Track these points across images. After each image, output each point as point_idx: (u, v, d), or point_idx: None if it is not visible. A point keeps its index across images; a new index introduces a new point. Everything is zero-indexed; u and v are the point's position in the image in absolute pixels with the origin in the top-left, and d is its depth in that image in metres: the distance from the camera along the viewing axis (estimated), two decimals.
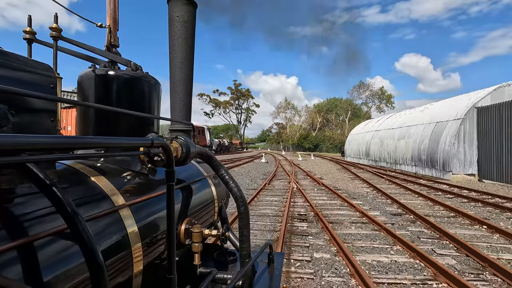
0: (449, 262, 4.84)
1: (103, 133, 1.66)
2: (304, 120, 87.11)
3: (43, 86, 1.18)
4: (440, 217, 7.82)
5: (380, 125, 30.17)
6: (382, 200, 10.15)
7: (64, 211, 0.82)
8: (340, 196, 10.28)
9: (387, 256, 5.08)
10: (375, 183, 14.35)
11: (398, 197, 10.48)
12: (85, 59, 1.87)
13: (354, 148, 34.81)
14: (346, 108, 76.08)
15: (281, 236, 5.65)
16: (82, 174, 1.32)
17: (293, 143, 79.19)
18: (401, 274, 4.39)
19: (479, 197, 10.56)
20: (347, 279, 4.20)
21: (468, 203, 9.79)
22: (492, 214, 8.27)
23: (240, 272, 1.64)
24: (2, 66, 1.02)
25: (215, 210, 2.30)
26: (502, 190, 12.85)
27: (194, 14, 1.97)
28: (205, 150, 1.82)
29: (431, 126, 19.84)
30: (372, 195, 11.12)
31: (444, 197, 10.90)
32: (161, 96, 1.97)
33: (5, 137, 0.58)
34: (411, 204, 9.42)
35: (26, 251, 0.83)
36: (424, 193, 11.26)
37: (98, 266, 0.83)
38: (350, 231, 6.54)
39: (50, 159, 1.11)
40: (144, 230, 1.36)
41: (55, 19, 1.62)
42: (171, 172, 1.17)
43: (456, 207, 8.78)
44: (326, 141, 68.93)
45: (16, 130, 1.00)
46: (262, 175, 17.10)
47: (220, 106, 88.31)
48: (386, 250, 5.40)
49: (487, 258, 4.68)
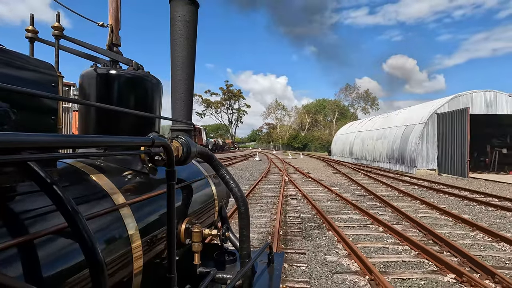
0: (385, 218, 7.86)
1: (104, 132, 1.66)
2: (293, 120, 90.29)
3: (44, 85, 1.18)
4: (392, 197, 10.98)
5: (362, 127, 33.76)
6: (354, 187, 13.43)
7: (64, 209, 0.82)
8: (322, 185, 13.42)
9: (348, 216, 8.12)
10: (353, 176, 17.48)
11: (367, 185, 13.60)
12: (87, 58, 1.88)
13: (339, 147, 38.70)
14: (333, 109, 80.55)
15: (279, 207, 8.25)
16: (83, 173, 1.32)
17: (283, 143, 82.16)
18: (354, 223, 7.48)
19: (427, 185, 14.08)
20: (321, 225, 7.24)
21: (417, 189, 13.36)
22: (430, 195, 11.72)
23: (240, 272, 1.64)
24: (4, 64, 1.03)
25: (215, 209, 2.30)
26: (450, 180, 16.64)
27: (196, 14, 1.98)
28: (206, 150, 1.82)
29: (402, 128, 23.44)
30: (348, 184, 14.42)
31: (402, 185, 14.38)
32: (162, 95, 1.97)
33: (6, 135, 0.59)
34: (375, 189, 12.43)
35: (27, 249, 0.83)
36: (388, 183, 14.63)
37: (98, 265, 0.83)
38: (326, 204, 9.63)
39: (51, 158, 1.11)
40: (144, 229, 1.36)
41: (57, 18, 1.62)
42: (172, 172, 1.17)
43: (406, 190, 12.01)
44: (315, 141, 73.07)
45: (17, 128, 1.00)
46: (258, 171, 19.60)
47: (211, 106, 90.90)
48: (348, 213, 8.49)
49: (407, 215, 7.80)
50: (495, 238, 6.21)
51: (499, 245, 5.91)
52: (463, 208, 9.33)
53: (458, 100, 20.27)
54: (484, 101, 20.09)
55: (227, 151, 56.16)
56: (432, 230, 6.38)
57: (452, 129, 18.95)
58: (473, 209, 9.15)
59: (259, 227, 6.86)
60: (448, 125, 19.48)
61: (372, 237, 6.33)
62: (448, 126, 19.43)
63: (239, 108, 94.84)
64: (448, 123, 19.45)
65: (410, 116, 23.84)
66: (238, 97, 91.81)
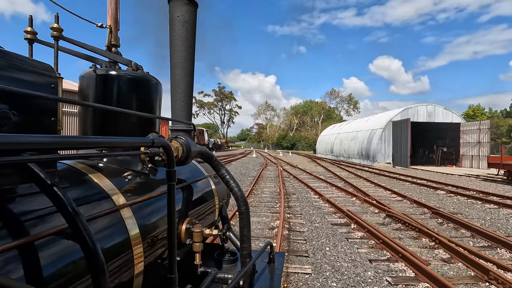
0: (338, 185, 13.31)
1: (103, 133, 1.66)
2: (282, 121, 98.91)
3: (44, 86, 1.18)
4: (350, 178, 17.02)
5: (341, 129, 41.16)
6: (327, 173, 19.81)
7: (65, 210, 0.82)
8: (306, 172, 19.99)
9: (319, 184, 14.21)
10: (329, 167, 24.11)
11: (337, 172, 20.20)
12: (86, 59, 1.87)
13: (323, 146, 46.48)
14: (319, 111, 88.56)
15: (280, 181, 14.22)
16: (83, 174, 1.32)
17: (273, 142, 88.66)
18: (321, 187, 13.32)
19: (376, 172, 20.83)
20: (304, 188, 13.01)
21: (368, 173, 20.11)
22: (373, 176, 18.54)
23: (240, 272, 1.64)
24: (3, 66, 1.03)
25: (215, 209, 2.30)
26: (396, 170, 22.75)
27: (194, 14, 1.97)
28: (206, 150, 1.82)
29: (368, 131, 30.40)
30: (324, 172, 20.99)
31: (360, 172, 20.57)
32: (161, 96, 1.97)
33: (6, 137, 0.59)
34: (341, 174, 18.79)
35: (28, 250, 0.83)
36: (352, 171, 20.97)
37: (99, 266, 0.83)
38: (307, 180, 15.62)
39: (51, 159, 1.11)
40: (145, 230, 1.36)
41: (56, 19, 1.62)
42: (172, 172, 1.17)
43: (360, 174, 18.77)
44: (302, 141, 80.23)
45: (17, 129, 1.00)
46: (259, 164, 25.57)
47: (204, 107, 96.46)
48: (319, 183, 14.50)
49: (351, 184, 13.96)
50: (386, 190, 12.59)
51: (385, 192, 12.39)
52: (385, 181, 16.09)
53: (407, 111, 27.11)
54: (426, 112, 27.17)
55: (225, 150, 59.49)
56: (359, 188, 12.35)
57: (401, 133, 25.85)
58: (391, 182, 15.78)
59: (272, 190, 12.19)
60: (398, 130, 26.36)
61: (329, 191, 12.26)
62: (399, 131, 26.29)
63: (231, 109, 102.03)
64: (399, 129, 26.32)
65: (374, 122, 31.04)
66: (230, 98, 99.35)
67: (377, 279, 4.36)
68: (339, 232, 6.60)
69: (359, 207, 9.15)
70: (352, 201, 10.06)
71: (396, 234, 6.45)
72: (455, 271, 4.66)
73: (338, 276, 4.43)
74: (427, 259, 5.05)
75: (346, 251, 5.44)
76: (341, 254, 5.29)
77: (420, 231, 6.41)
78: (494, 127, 43.00)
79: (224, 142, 72.97)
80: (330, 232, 6.56)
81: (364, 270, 4.64)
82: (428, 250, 5.54)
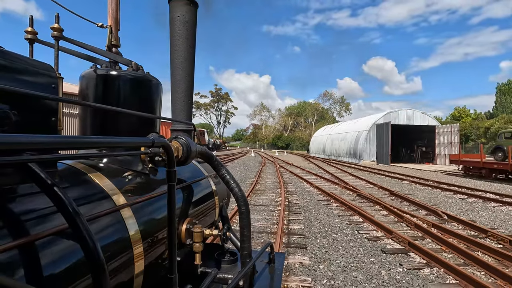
0: (327, 178, 16.71)
1: (104, 133, 1.66)
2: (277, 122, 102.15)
3: (44, 86, 1.18)
4: (336, 173, 19.80)
5: (332, 130, 44.63)
6: (318, 169, 22.60)
7: (65, 210, 0.82)
8: (300, 168, 23.05)
9: (311, 177, 17.18)
10: (320, 164, 27.34)
11: (326, 168, 23.15)
12: (87, 59, 1.87)
13: (315, 146, 49.93)
14: (313, 112, 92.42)
15: (278, 174, 17.47)
16: (84, 174, 1.32)
17: (268, 142, 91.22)
18: (313, 179, 16.28)
19: (360, 168, 23.93)
20: (298, 179, 16.23)
21: (353, 169, 23.11)
22: (357, 171, 21.16)
23: (241, 272, 1.64)
24: (3, 66, 1.03)
25: (216, 209, 2.30)
26: (378, 166, 26.49)
27: (195, 14, 1.97)
28: (206, 150, 1.82)
29: (356, 133, 33.97)
30: (315, 168, 24.00)
31: (347, 168, 23.65)
32: (162, 96, 1.97)
33: (7, 137, 0.59)
34: (329, 170, 21.94)
35: (28, 250, 0.83)
36: (340, 167, 24.03)
37: (99, 266, 0.83)
38: (301, 174, 18.36)
39: (51, 159, 1.11)
40: (145, 230, 1.36)
41: (56, 19, 1.62)
42: (172, 172, 1.17)
43: (345, 170, 22.02)
44: (296, 141, 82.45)
45: (17, 129, 1.00)
46: (258, 162, 28.63)
47: (201, 108, 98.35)
48: (311, 176, 17.68)
49: (337, 176, 17.20)
50: (363, 181, 15.55)
51: (362, 182, 15.43)
52: (366, 175, 19.06)
53: (389, 115, 31.12)
54: (406, 116, 31.16)
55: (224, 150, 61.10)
56: (343, 180, 15.20)
57: (383, 135, 29.53)
58: (370, 175, 18.88)
59: (273, 180, 15.30)
60: (381, 132, 30.00)
61: (318, 181, 14.96)
62: (382, 132, 29.92)
63: (227, 110, 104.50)
64: (382, 130, 29.99)
65: (361, 124, 34.62)
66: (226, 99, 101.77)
67: (340, 223, 7.53)
68: (322, 204, 9.80)
69: (339, 191, 12.20)
70: (335, 188, 13.31)
71: (360, 205, 9.44)
72: (388, 219, 7.91)
73: (318, 222, 7.66)
74: (374, 216, 7.92)
75: (324, 212, 8.71)
76: (321, 213, 8.58)
77: (376, 202, 9.64)
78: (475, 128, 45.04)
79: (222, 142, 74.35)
80: (316, 203, 9.84)
81: (334, 219, 7.89)
82: (376, 212, 8.74)
